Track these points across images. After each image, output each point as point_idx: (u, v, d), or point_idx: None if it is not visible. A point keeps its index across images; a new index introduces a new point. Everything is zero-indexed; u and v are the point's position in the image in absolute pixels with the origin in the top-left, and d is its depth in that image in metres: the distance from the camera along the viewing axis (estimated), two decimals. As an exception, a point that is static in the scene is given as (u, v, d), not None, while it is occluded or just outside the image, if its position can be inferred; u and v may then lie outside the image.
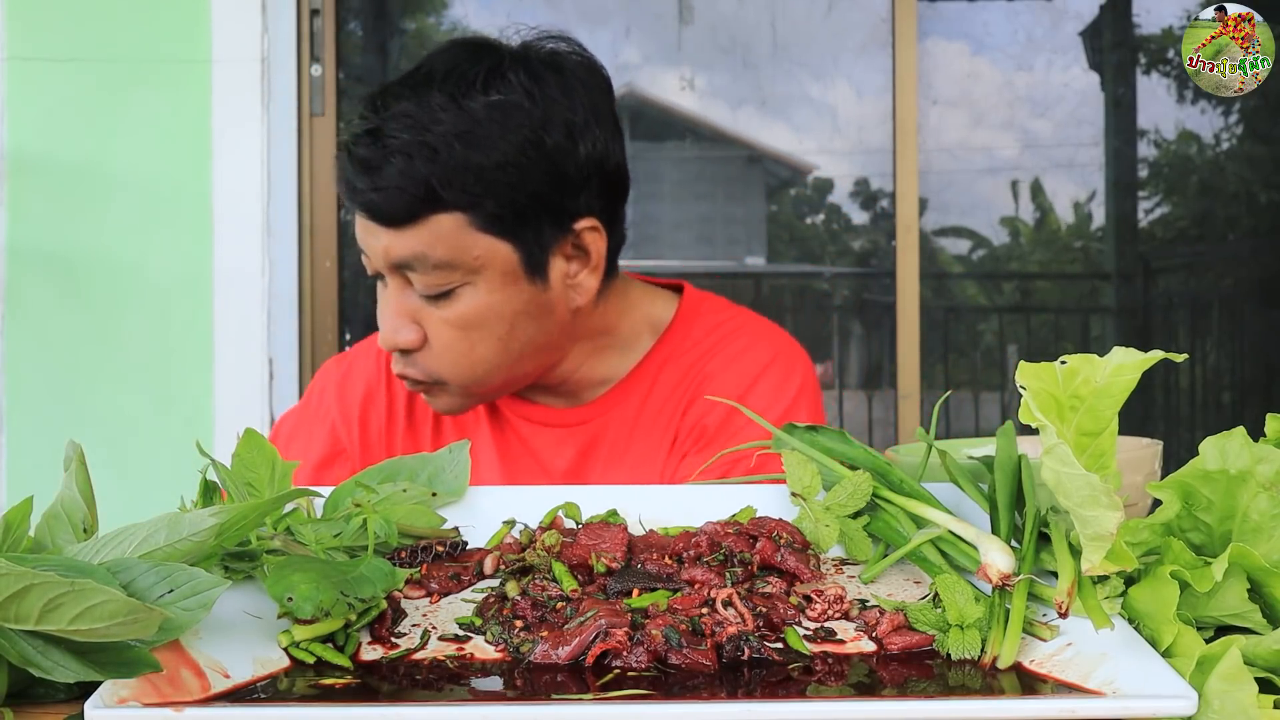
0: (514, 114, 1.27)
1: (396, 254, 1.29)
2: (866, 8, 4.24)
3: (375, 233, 1.29)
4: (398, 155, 1.25)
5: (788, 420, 1.31)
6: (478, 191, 1.26)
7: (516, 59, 1.30)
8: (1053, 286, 5.21)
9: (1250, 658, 0.68)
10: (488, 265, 1.29)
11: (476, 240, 1.28)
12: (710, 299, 1.50)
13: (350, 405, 1.50)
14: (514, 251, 1.30)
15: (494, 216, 1.28)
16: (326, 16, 3.16)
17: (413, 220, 1.27)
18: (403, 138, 1.25)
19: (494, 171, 1.26)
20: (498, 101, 1.27)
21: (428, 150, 1.25)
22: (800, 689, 0.69)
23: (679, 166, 5.00)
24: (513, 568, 0.89)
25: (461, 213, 1.27)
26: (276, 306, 3.06)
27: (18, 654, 0.65)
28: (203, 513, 0.73)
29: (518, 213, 1.29)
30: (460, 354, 1.32)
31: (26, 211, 3.02)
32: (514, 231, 1.29)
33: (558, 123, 1.29)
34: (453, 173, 1.25)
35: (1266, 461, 0.78)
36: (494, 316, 1.31)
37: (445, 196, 1.26)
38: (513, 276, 1.30)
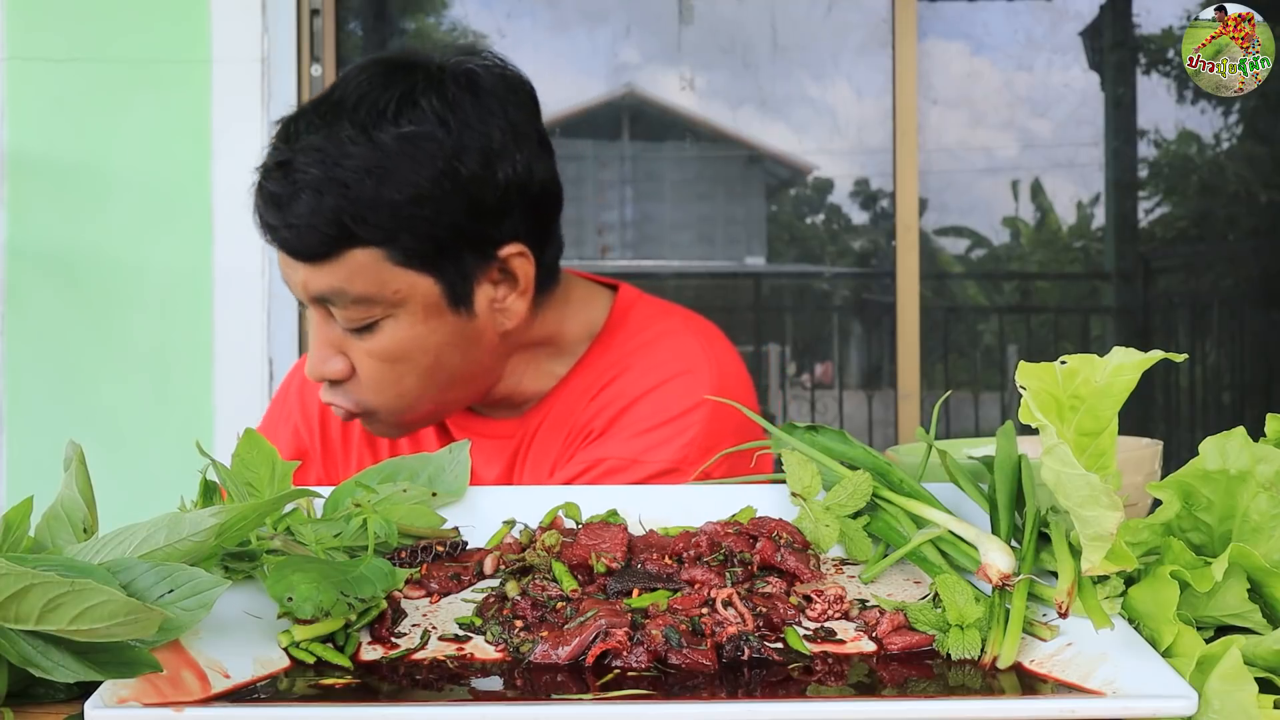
0: (426, 145, 1.22)
1: (314, 288, 1.25)
2: (866, 8, 4.25)
3: (293, 266, 1.26)
4: (307, 191, 1.21)
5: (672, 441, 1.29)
6: (392, 227, 1.22)
7: (431, 82, 1.25)
8: (1053, 286, 5.21)
9: (1250, 658, 0.68)
10: (409, 299, 1.25)
11: (395, 275, 1.24)
12: (642, 303, 1.44)
13: (310, 407, 1.47)
14: (435, 284, 1.25)
15: (411, 251, 1.23)
16: (326, 16, 3.16)
17: (327, 256, 1.23)
18: (312, 173, 1.21)
19: (408, 206, 1.22)
20: (409, 134, 1.22)
21: (338, 186, 1.21)
22: (800, 689, 0.69)
23: (679, 166, 5.00)
24: (513, 568, 0.89)
25: (377, 248, 1.23)
26: (276, 306, 3.06)
27: (18, 654, 0.65)
28: (203, 513, 0.73)
29: (436, 246, 1.24)
30: (386, 385, 1.28)
31: (26, 211, 3.02)
32: (434, 265, 1.25)
33: (473, 150, 1.24)
34: (365, 209, 1.21)
35: (1266, 461, 0.77)
36: (417, 349, 1.27)
37: (358, 232, 1.22)
38: (435, 309, 1.26)
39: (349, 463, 1.46)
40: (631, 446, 1.29)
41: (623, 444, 1.29)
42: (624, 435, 1.30)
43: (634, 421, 1.31)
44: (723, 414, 1.31)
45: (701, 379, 1.33)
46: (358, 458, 1.45)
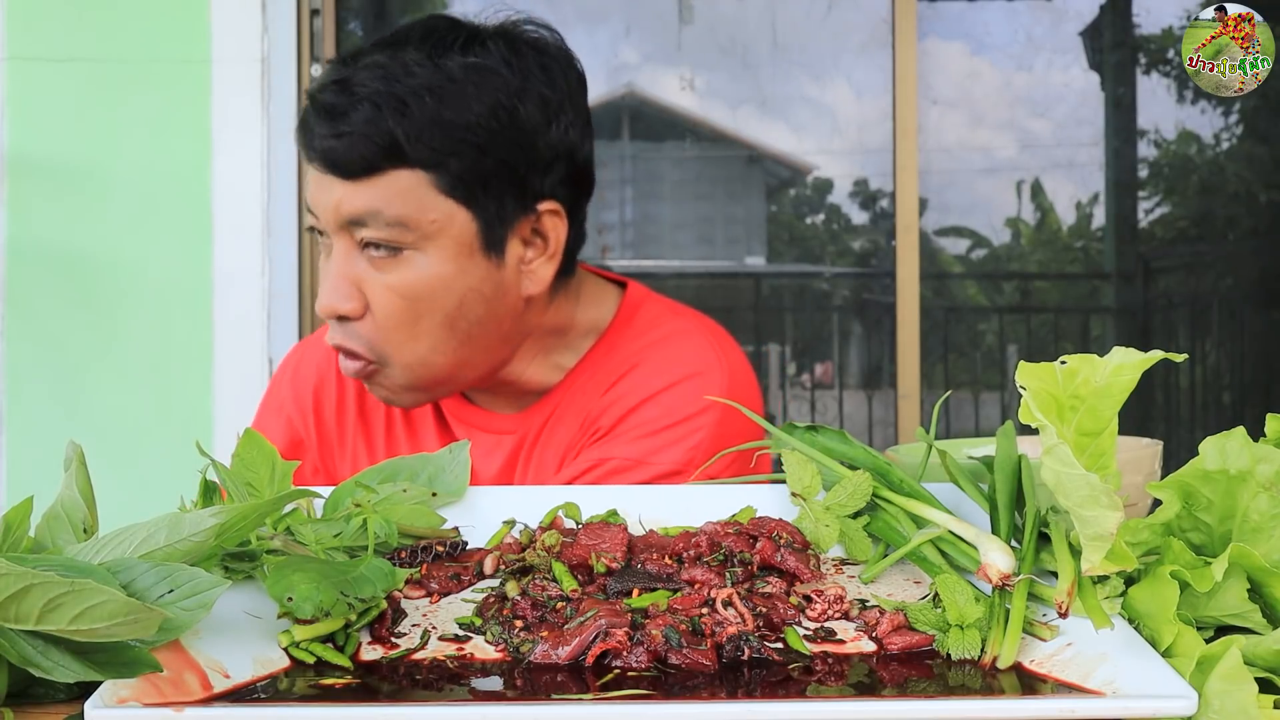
0: (490, 78, 1.22)
1: (349, 209, 1.22)
2: (866, 8, 4.25)
3: (329, 186, 1.23)
4: (365, 103, 1.20)
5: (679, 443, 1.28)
6: (444, 150, 1.21)
7: (497, 33, 1.26)
8: (1053, 286, 5.22)
9: (1250, 658, 0.68)
10: (443, 232, 1.23)
11: (436, 202, 1.22)
12: (650, 302, 1.42)
13: (304, 394, 1.45)
14: (472, 221, 1.23)
15: (457, 179, 1.22)
16: (326, 16, 3.16)
17: (371, 173, 1.21)
18: (373, 86, 1.20)
19: (463, 131, 1.21)
20: (475, 64, 1.22)
21: (397, 101, 1.20)
22: (800, 689, 0.69)
23: (679, 166, 5.01)
24: (513, 568, 0.89)
25: (424, 171, 1.21)
26: (276, 306, 3.06)
27: (18, 654, 0.65)
28: (203, 513, 0.73)
29: (482, 179, 1.23)
30: (404, 325, 1.24)
31: (26, 211, 3.02)
32: (475, 199, 1.23)
33: (533, 95, 1.24)
34: (420, 127, 1.20)
35: (1266, 461, 0.78)
36: (443, 289, 1.24)
37: (409, 152, 1.20)
38: (468, 249, 1.24)
39: (344, 452, 1.44)
40: (638, 448, 1.28)
41: (629, 444, 1.28)
42: (631, 435, 1.29)
43: (642, 422, 1.30)
44: (730, 418, 1.30)
45: (711, 382, 1.32)
46: (353, 448, 1.43)
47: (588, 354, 1.38)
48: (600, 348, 1.38)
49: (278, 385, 1.49)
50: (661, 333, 1.37)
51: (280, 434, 1.45)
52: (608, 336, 1.38)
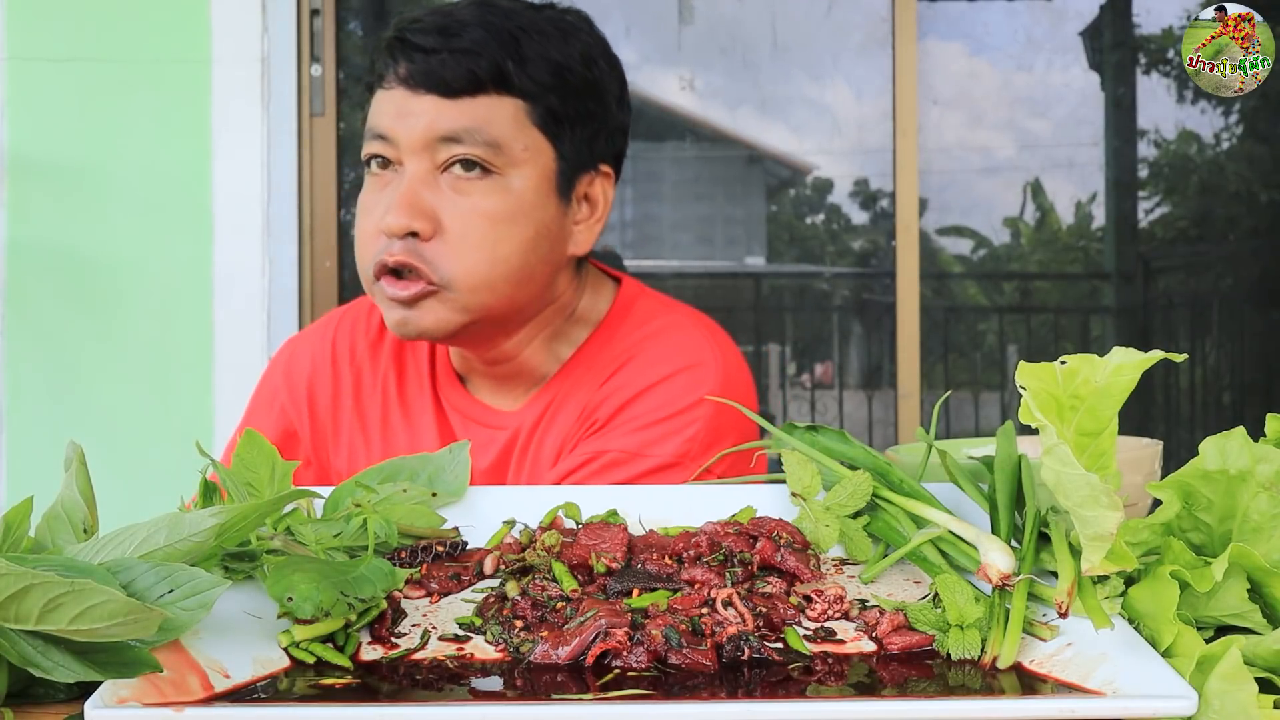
0: (580, 33, 1.32)
1: (444, 126, 1.25)
2: (866, 8, 4.24)
3: (421, 106, 1.25)
4: (476, 27, 1.26)
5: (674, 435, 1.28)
6: (544, 84, 1.28)
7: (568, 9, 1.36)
8: (1053, 286, 5.21)
9: (1250, 658, 0.68)
10: (531, 162, 1.28)
11: (528, 133, 1.28)
12: (645, 296, 1.44)
13: (298, 386, 1.45)
14: (555, 158, 1.30)
15: (550, 114, 1.29)
16: (326, 16, 3.16)
17: (475, 92, 1.26)
18: (485, 17, 1.27)
19: (563, 71, 1.29)
20: (569, 20, 1.33)
21: (506, 33, 1.27)
22: (800, 689, 0.69)
23: (679, 166, 5.00)
24: (513, 568, 0.89)
25: (523, 100, 1.27)
26: (276, 306, 3.06)
27: (18, 654, 0.65)
28: (203, 513, 0.73)
29: (570, 119, 1.30)
30: (484, 246, 1.25)
31: (26, 211, 3.02)
32: (561, 137, 1.30)
33: (603, 56, 1.34)
34: (526, 58, 1.27)
35: (1266, 461, 0.78)
36: (524, 215, 1.28)
37: (515, 79, 1.26)
38: (548, 184, 1.30)
39: (339, 444, 1.43)
40: (634, 440, 1.29)
41: (625, 437, 1.29)
42: (627, 428, 1.30)
43: (638, 414, 1.31)
44: (726, 409, 1.30)
45: (707, 374, 1.33)
46: (348, 439, 1.43)
47: (583, 346, 1.39)
48: (595, 340, 1.39)
49: (270, 377, 1.49)
50: (656, 326, 1.39)
51: (273, 426, 1.44)
52: (603, 329, 1.39)
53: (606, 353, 1.37)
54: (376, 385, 1.42)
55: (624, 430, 1.30)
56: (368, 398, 1.43)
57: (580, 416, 1.35)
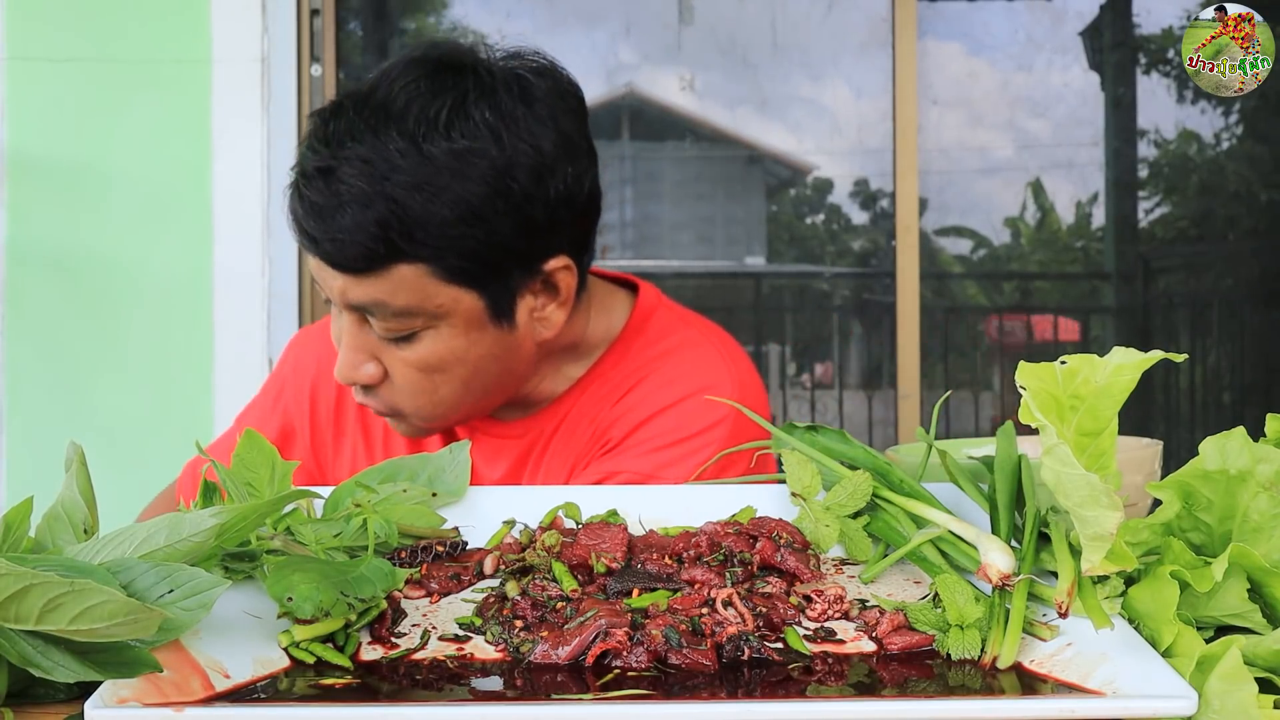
0: (478, 162, 1.18)
1: (354, 298, 1.21)
2: (866, 8, 4.24)
3: (331, 274, 1.21)
4: (353, 204, 1.16)
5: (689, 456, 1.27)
6: (440, 245, 1.18)
7: (482, 91, 1.20)
8: (1053, 286, 5.21)
9: (1250, 658, 0.68)
10: (451, 313, 1.22)
11: (439, 290, 1.20)
12: (662, 310, 1.42)
13: (302, 387, 1.45)
14: (479, 299, 1.22)
15: (457, 269, 1.20)
16: (326, 16, 3.16)
17: (369, 270, 1.19)
18: (358, 185, 1.16)
19: (458, 225, 1.18)
20: (461, 149, 1.17)
21: (385, 200, 1.16)
22: (800, 689, 0.69)
23: (679, 166, 5.01)
24: (513, 568, 0.89)
25: (423, 264, 1.19)
26: (276, 306, 3.06)
27: (18, 654, 0.65)
28: (203, 513, 0.73)
29: (483, 263, 1.21)
30: (421, 393, 1.26)
31: (26, 211, 3.02)
32: (479, 281, 1.22)
33: (525, 166, 1.20)
34: (413, 226, 1.17)
35: (1266, 461, 0.78)
36: (456, 361, 1.24)
37: (405, 249, 1.18)
38: (477, 323, 1.24)
39: (341, 448, 1.44)
40: (647, 462, 1.28)
41: (638, 459, 1.28)
42: (640, 450, 1.29)
43: (651, 436, 1.30)
44: (739, 433, 1.29)
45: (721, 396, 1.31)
46: (351, 445, 1.44)
47: (598, 362, 1.37)
48: (611, 357, 1.37)
49: (279, 373, 1.50)
50: (671, 343, 1.37)
51: (274, 422, 1.45)
52: (618, 346, 1.38)
53: (620, 370, 1.37)
54: None
55: (637, 452, 1.29)
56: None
57: (593, 434, 1.35)
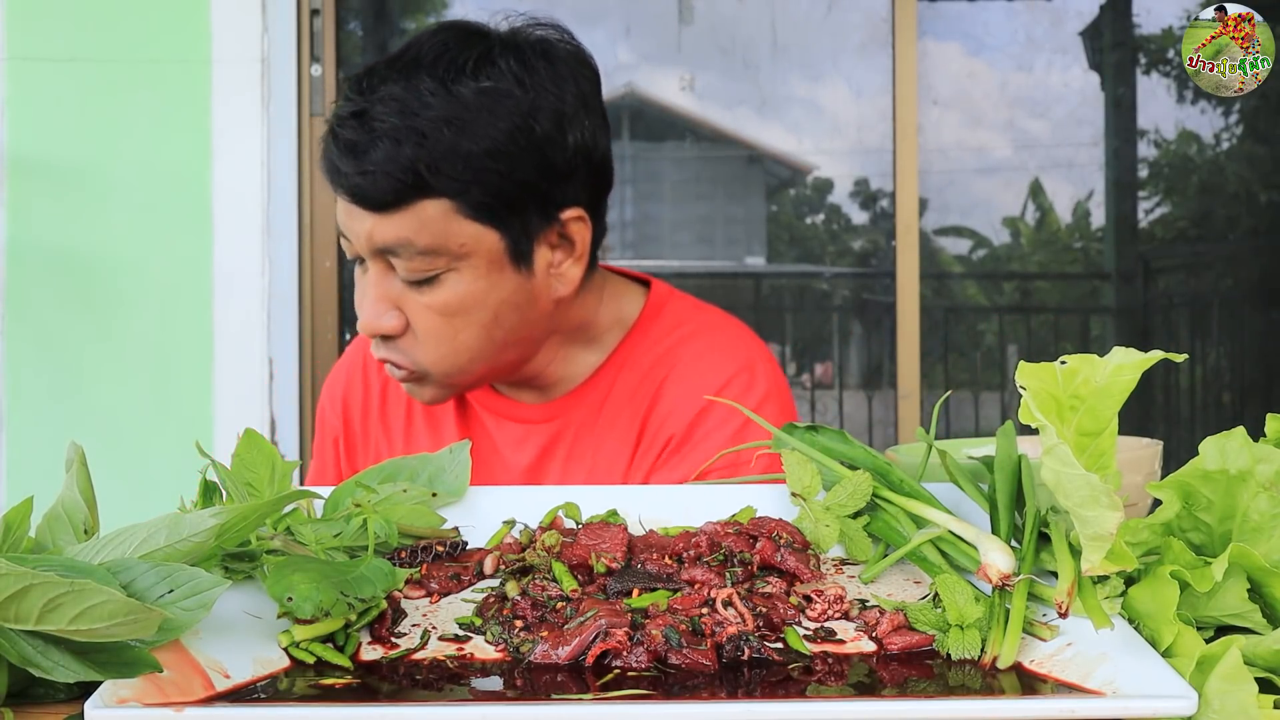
0: (504, 101, 1.25)
1: (380, 239, 1.26)
2: (866, 8, 4.24)
3: (359, 217, 1.27)
4: (385, 139, 1.23)
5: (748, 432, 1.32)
6: (466, 178, 1.24)
7: (506, 45, 1.29)
8: (1053, 286, 5.21)
9: (1250, 658, 0.68)
10: (473, 252, 1.27)
11: (463, 227, 1.26)
12: (676, 298, 1.47)
13: (335, 404, 1.51)
14: (500, 239, 1.28)
15: (481, 204, 1.26)
16: (326, 16, 3.16)
17: (398, 205, 1.24)
18: (391, 121, 1.23)
19: (483, 159, 1.24)
20: (488, 88, 1.25)
21: (416, 135, 1.23)
22: (800, 689, 0.69)
23: (679, 166, 5.00)
24: (513, 568, 0.89)
25: (448, 199, 1.25)
26: (276, 306, 3.06)
27: (18, 654, 0.65)
28: (203, 513, 0.73)
29: (505, 201, 1.26)
30: (443, 340, 1.29)
31: (26, 211, 3.02)
32: (501, 219, 1.27)
33: (547, 111, 1.27)
34: (441, 159, 1.23)
35: (1266, 461, 0.77)
36: (477, 304, 1.29)
37: (432, 183, 1.24)
38: (498, 265, 1.28)
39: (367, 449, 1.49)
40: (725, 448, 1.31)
41: (717, 449, 1.31)
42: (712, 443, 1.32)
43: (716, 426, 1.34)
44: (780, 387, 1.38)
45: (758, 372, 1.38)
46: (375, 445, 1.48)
47: (619, 349, 1.42)
48: (630, 341, 1.42)
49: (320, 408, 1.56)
50: (693, 327, 1.42)
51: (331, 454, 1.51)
52: (636, 332, 1.42)
53: (647, 355, 1.40)
54: (402, 392, 1.46)
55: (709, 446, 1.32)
56: (392, 405, 1.48)
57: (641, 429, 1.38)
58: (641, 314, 1.43)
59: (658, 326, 1.42)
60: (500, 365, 1.35)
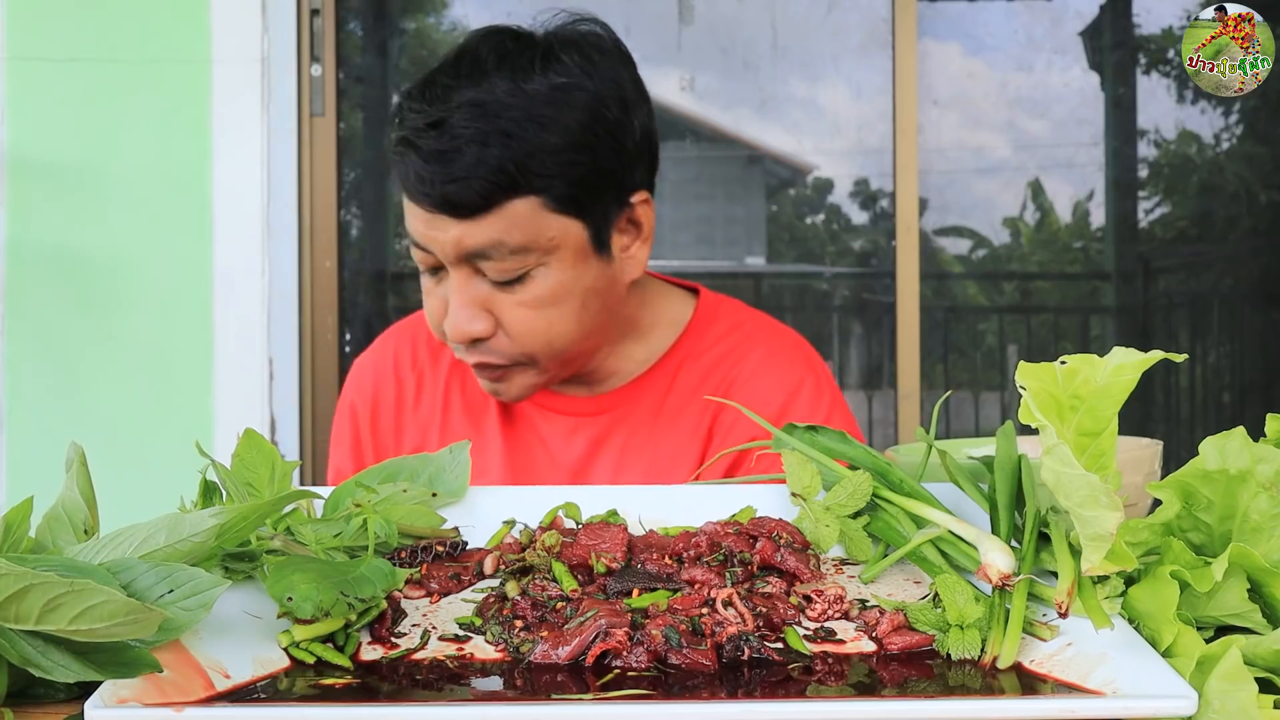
0: (576, 93, 1.29)
1: (470, 244, 1.28)
2: (866, 8, 4.24)
3: (443, 225, 1.28)
4: (471, 144, 1.25)
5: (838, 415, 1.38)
6: (551, 173, 1.27)
7: (565, 41, 1.32)
8: (1053, 286, 5.21)
9: (1250, 658, 0.68)
10: (561, 245, 1.30)
11: (551, 221, 1.29)
12: (727, 301, 1.52)
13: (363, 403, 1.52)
14: (583, 229, 1.31)
15: (566, 196, 1.29)
16: (326, 16, 3.16)
17: (488, 208, 1.27)
18: (474, 126, 1.25)
19: (566, 151, 1.28)
20: (560, 84, 1.29)
21: (501, 136, 1.25)
22: (800, 689, 0.69)
23: (679, 167, 5.00)
24: (513, 568, 0.89)
25: (536, 196, 1.28)
26: (276, 306, 3.06)
27: (18, 654, 0.65)
28: (203, 513, 0.73)
29: (587, 190, 1.30)
30: (537, 334, 1.32)
31: (26, 211, 3.02)
32: (584, 209, 1.31)
33: (613, 99, 1.32)
34: (528, 156, 1.26)
35: (1266, 461, 0.77)
36: (567, 294, 1.32)
37: (521, 181, 1.26)
38: (583, 254, 1.32)
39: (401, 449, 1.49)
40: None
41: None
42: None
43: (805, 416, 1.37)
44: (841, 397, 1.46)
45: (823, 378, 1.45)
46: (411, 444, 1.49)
47: (675, 346, 1.45)
48: (686, 341, 1.46)
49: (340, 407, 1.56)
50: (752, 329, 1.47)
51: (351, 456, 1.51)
52: (692, 331, 1.46)
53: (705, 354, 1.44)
54: (438, 388, 1.48)
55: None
56: (427, 403, 1.49)
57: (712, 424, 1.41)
58: (695, 314, 1.47)
59: (715, 327, 1.46)
60: (584, 352, 1.38)
